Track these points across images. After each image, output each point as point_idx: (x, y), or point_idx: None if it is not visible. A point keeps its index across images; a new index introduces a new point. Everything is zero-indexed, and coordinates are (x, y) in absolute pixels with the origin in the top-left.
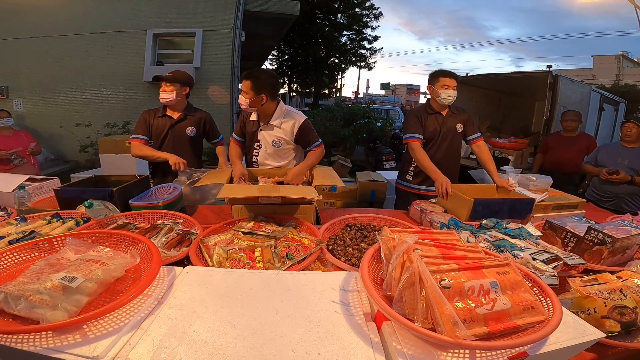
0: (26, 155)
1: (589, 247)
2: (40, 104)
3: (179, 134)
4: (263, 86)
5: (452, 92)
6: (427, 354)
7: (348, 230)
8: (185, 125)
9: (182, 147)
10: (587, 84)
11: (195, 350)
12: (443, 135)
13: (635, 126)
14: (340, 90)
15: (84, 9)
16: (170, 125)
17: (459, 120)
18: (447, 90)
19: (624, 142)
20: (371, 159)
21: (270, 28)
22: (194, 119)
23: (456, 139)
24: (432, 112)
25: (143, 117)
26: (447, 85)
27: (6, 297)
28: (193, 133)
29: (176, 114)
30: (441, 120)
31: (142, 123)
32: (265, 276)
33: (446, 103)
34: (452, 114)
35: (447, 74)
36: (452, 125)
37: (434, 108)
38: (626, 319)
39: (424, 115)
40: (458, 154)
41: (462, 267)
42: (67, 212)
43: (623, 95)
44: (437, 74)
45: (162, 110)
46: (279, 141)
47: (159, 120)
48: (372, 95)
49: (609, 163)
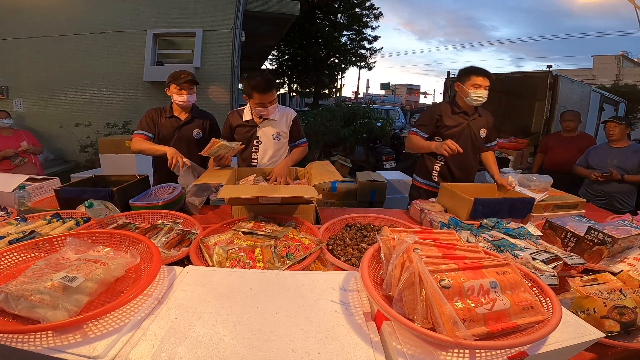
0: (26, 155)
1: (589, 247)
2: (40, 104)
3: (186, 136)
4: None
5: (483, 92)
6: (427, 353)
7: (348, 230)
8: (192, 128)
9: (189, 149)
10: (587, 84)
11: (196, 349)
12: (466, 136)
13: (615, 125)
14: (340, 90)
15: (84, 9)
16: (178, 127)
17: (484, 125)
18: (478, 90)
19: (611, 143)
20: (371, 159)
21: (270, 28)
22: (200, 121)
23: (478, 142)
24: (458, 112)
25: (149, 114)
26: (478, 85)
27: (6, 296)
28: (199, 135)
29: (184, 115)
30: (466, 122)
31: (148, 120)
32: (265, 276)
33: (475, 104)
34: (479, 117)
35: (480, 72)
36: (477, 129)
37: (461, 107)
38: (626, 319)
39: (447, 113)
40: (477, 157)
41: (461, 267)
42: (67, 212)
43: (623, 95)
44: (468, 70)
45: (169, 111)
46: (279, 134)
47: (167, 121)
48: (372, 95)
49: (600, 164)
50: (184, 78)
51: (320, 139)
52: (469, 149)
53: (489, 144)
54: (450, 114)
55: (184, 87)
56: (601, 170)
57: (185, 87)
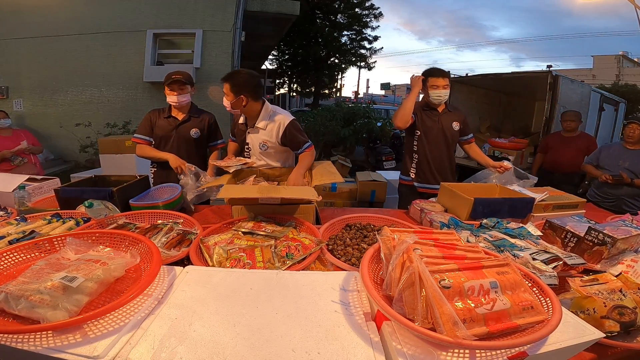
0: (26, 155)
1: (589, 247)
2: (40, 104)
3: (184, 135)
4: (242, 87)
5: (441, 91)
6: (427, 353)
7: (348, 230)
8: (189, 127)
9: (187, 148)
10: (587, 84)
11: (196, 350)
12: (439, 131)
13: (637, 127)
14: (340, 90)
15: (84, 9)
16: (175, 127)
17: (455, 119)
18: (436, 90)
19: (626, 144)
20: (371, 159)
21: (270, 28)
22: (198, 120)
23: (453, 136)
24: (427, 109)
25: (148, 116)
26: (435, 85)
27: (6, 296)
28: (197, 135)
29: (181, 115)
30: (437, 117)
31: (146, 123)
32: (265, 276)
33: (436, 103)
34: (448, 112)
35: (435, 73)
36: (448, 123)
37: (429, 105)
38: (626, 319)
39: (420, 111)
40: (453, 151)
41: (462, 267)
42: (67, 212)
43: (623, 95)
44: (425, 73)
45: (167, 111)
46: (265, 144)
47: (164, 120)
48: (372, 95)
49: (611, 165)
50: (173, 79)
51: (320, 139)
52: (441, 142)
53: (466, 137)
54: (422, 112)
55: (173, 87)
56: (610, 171)
57: (175, 87)
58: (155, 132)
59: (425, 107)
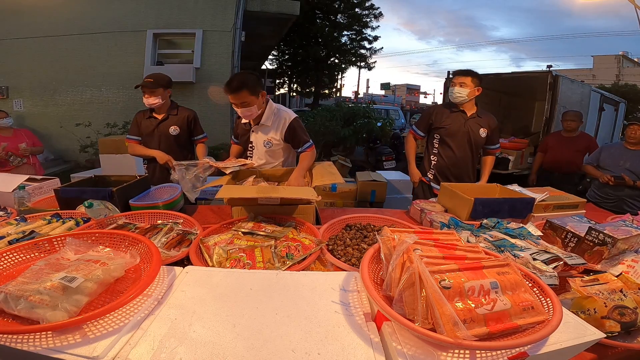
0: (25, 156)
1: (589, 247)
2: (40, 104)
3: (164, 133)
4: (255, 85)
5: (457, 88)
6: (427, 354)
7: (348, 230)
8: (168, 125)
9: (168, 145)
10: (587, 84)
11: (195, 350)
12: (463, 134)
13: (638, 128)
14: (340, 90)
15: (84, 9)
16: (156, 126)
17: (484, 125)
18: (452, 87)
19: (627, 144)
20: (371, 159)
21: (270, 28)
22: (177, 118)
23: (477, 142)
24: (455, 111)
25: (135, 118)
26: (453, 83)
27: (6, 297)
28: (176, 132)
29: (160, 115)
30: (464, 120)
31: (134, 124)
32: (265, 276)
33: (454, 100)
34: (478, 117)
35: (456, 72)
36: (476, 128)
37: (457, 106)
38: (626, 320)
39: (444, 112)
40: (476, 157)
41: (462, 267)
42: (67, 212)
43: (623, 95)
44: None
45: (149, 112)
46: (270, 142)
47: (147, 121)
48: (372, 95)
49: (611, 165)
50: (143, 83)
51: (320, 139)
52: (465, 146)
53: (492, 147)
54: (449, 113)
55: (145, 90)
56: (611, 172)
57: (146, 90)
58: (141, 132)
59: (453, 108)
